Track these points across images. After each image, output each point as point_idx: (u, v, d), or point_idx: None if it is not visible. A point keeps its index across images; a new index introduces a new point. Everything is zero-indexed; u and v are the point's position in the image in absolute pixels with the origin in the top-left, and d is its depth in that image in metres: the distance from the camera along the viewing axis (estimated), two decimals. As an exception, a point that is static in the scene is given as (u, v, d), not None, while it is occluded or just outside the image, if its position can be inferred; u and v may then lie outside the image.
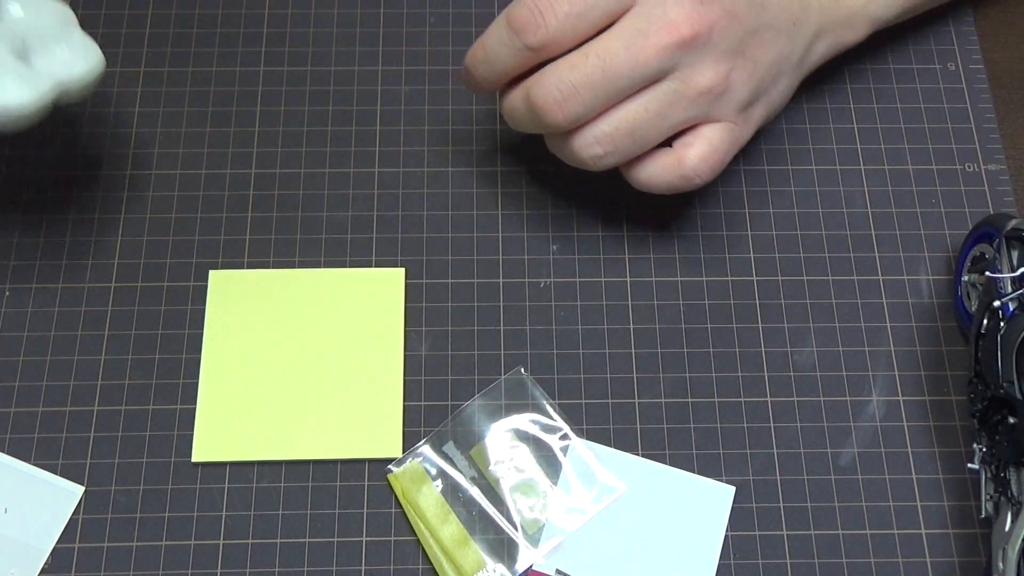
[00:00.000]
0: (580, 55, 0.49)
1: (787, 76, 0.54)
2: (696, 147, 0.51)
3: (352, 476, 0.53)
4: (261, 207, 0.58)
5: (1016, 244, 0.52)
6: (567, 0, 0.48)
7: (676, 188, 0.52)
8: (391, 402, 0.54)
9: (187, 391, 0.54)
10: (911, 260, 0.58)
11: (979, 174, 0.60)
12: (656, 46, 0.48)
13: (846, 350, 0.56)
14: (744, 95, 0.51)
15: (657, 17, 0.48)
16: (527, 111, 0.50)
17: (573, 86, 0.48)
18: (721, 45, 0.49)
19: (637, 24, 0.48)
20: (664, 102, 0.49)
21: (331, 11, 0.64)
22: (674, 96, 0.49)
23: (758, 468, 0.53)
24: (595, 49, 0.48)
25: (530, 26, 0.48)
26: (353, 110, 0.61)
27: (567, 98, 0.49)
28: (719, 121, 0.51)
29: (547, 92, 0.49)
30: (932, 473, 0.53)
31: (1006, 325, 0.49)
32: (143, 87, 0.61)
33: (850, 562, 0.51)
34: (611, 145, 0.50)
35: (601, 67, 0.48)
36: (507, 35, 0.49)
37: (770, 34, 0.51)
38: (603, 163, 0.51)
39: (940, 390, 0.55)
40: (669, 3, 0.48)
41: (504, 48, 0.50)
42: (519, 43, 0.49)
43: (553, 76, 0.49)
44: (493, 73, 0.51)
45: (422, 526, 0.51)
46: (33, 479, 0.52)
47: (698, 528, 0.52)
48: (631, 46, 0.48)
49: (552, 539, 0.51)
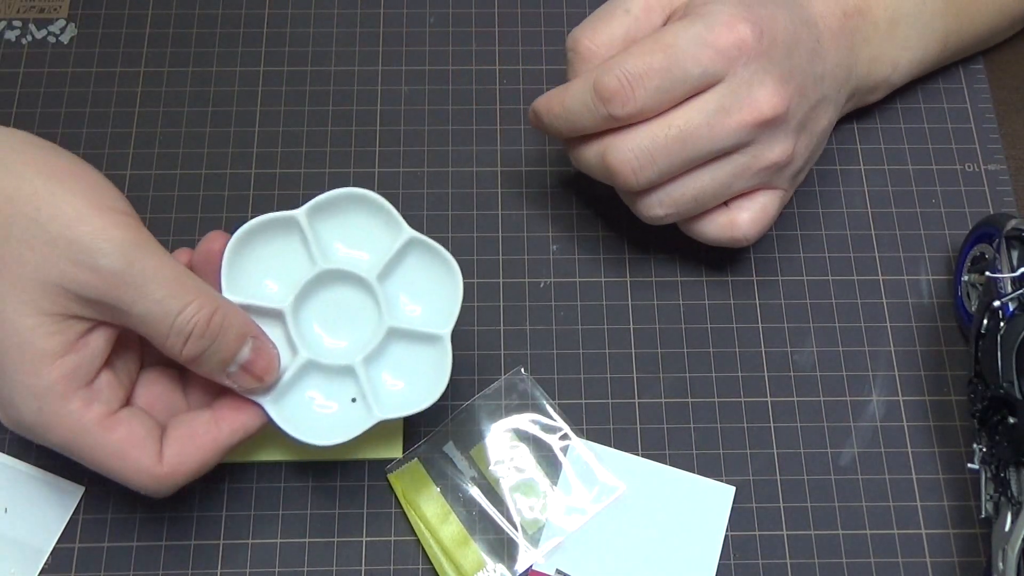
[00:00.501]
0: (662, 125, 0.49)
1: (826, 139, 0.55)
2: (750, 212, 0.52)
3: (352, 476, 0.52)
4: (261, 207, 0.58)
5: (1016, 244, 0.52)
6: (658, 75, 0.48)
7: (723, 244, 0.53)
8: (391, 402, 0.54)
9: (187, 391, 0.54)
10: (911, 260, 0.58)
11: (979, 174, 0.60)
12: (738, 124, 0.49)
13: (846, 350, 0.56)
14: (801, 164, 0.53)
15: (742, 96, 0.49)
16: (601, 168, 0.51)
17: (651, 155, 0.49)
18: (792, 122, 0.50)
19: (721, 101, 0.49)
20: (732, 174, 0.50)
21: (331, 11, 0.64)
22: (743, 168, 0.50)
23: (758, 468, 0.53)
24: (677, 121, 0.49)
25: (619, 97, 0.48)
26: (353, 110, 0.61)
27: (643, 166, 0.49)
28: (774, 188, 0.52)
29: (624, 157, 0.49)
30: (932, 473, 0.53)
31: (1006, 325, 0.49)
32: (143, 87, 0.61)
33: (850, 562, 0.51)
34: (673, 208, 0.51)
35: (680, 139, 0.49)
36: (592, 101, 0.49)
37: (824, 105, 0.53)
38: (662, 221, 0.52)
39: (940, 390, 0.55)
40: (755, 83, 0.49)
41: (587, 111, 0.49)
42: (604, 111, 0.49)
43: (632, 142, 0.49)
44: (569, 129, 0.51)
45: (422, 526, 0.51)
46: (33, 479, 0.52)
47: (698, 528, 0.52)
48: (713, 122, 0.49)
49: (552, 539, 0.51)
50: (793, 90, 0.50)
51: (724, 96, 0.49)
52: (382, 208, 0.48)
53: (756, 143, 0.50)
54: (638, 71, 0.48)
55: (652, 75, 0.48)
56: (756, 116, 0.49)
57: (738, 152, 0.50)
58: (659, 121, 0.49)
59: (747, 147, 0.50)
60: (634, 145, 0.49)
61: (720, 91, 0.49)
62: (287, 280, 0.48)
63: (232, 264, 0.47)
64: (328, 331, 0.48)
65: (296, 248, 0.48)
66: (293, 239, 0.48)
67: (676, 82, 0.48)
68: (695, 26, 0.48)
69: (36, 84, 0.61)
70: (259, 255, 0.48)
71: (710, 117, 0.49)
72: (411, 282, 0.49)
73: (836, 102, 0.54)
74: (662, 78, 0.48)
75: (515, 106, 0.61)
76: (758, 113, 0.49)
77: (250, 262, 0.47)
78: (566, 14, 0.64)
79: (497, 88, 0.62)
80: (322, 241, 0.48)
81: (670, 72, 0.48)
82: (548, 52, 0.63)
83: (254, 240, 0.47)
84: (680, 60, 0.48)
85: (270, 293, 0.48)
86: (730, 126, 0.49)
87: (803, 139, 0.52)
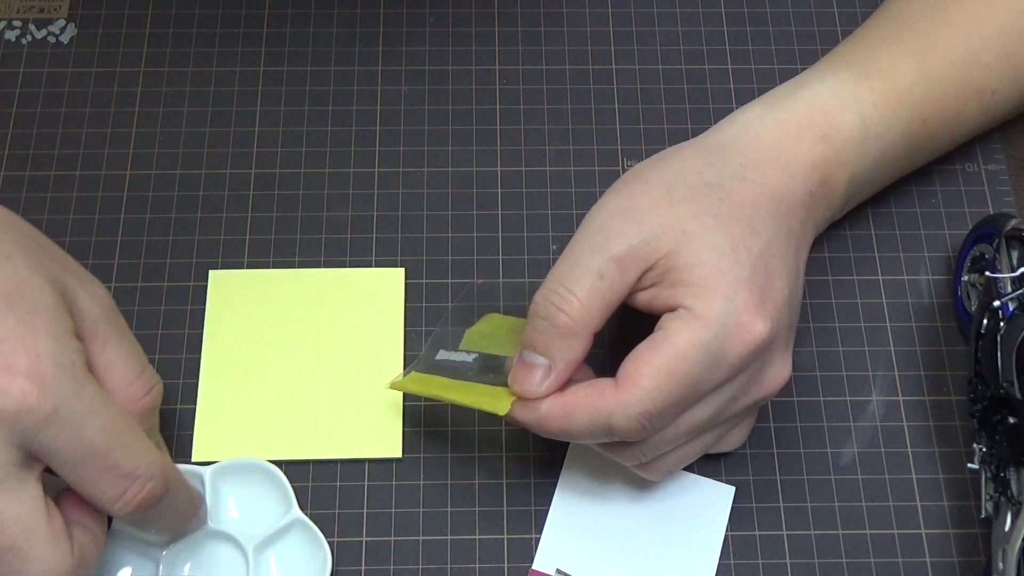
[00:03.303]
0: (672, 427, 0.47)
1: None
2: (739, 429, 0.50)
3: (352, 476, 0.52)
4: (261, 207, 0.58)
5: (1016, 244, 0.52)
6: (676, 408, 0.45)
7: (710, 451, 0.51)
8: (391, 402, 0.54)
9: (187, 391, 0.54)
10: (911, 260, 0.58)
11: (979, 174, 0.60)
12: (746, 403, 0.48)
13: (846, 350, 0.56)
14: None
15: (751, 386, 0.47)
16: (600, 446, 0.48)
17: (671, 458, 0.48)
18: (779, 344, 0.48)
19: (732, 394, 0.47)
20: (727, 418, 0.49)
21: (331, 11, 0.64)
22: (737, 413, 0.49)
23: (758, 468, 0.53)
24: (687, 419, 0.47)
25: (637, 435, 0.45)
26: (353, 110, 0.61)
27: (651, 462, 0.48)
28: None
29: (633, 457, 0.48)
30: (932, 473, 0.53)
31: (1006, 325, 0.49)
32: (143, 87, 0.61)
33: (850, 562, 0.51)
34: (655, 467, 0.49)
35: (688, 434, 0.47)
36: (603, 431, 0.45)
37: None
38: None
39: (940, 390, 0.55)
40: (764, 367, 0.47)
41: (592, 437, 0.46)
42: (615, 439, 0.46)
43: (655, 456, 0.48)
44: (567, 438, 0.48)
45: (444, 393, 0.49)
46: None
47: (698, 528, 0.52)
48: (722, 411, 0.47)
49: (552, 539, 0.51)
50: (789, 334, 0.48)
51: (735, 390, 0.47)
52: (280, 483, 0.50)
53: (751, 387, 0.48)
54: (657, 410, 0.44)
55: (671, 409, 0.45)
56: (765, 393, 0.48)
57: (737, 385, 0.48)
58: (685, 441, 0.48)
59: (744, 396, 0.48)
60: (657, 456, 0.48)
61: (731, 388, 0.46)
62: None
63: None
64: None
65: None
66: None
67: (691, 403, 0.46)
68: (705, 339, 0.44)
69: (36, 84, 0.61)
70: None
71: (719, 409, 0.47)
72: (286, 557, 0.50)
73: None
74: (681, 407, 0.45)
75: (515, 106, 0.61)
76: (767, 391, 0.48)
77: None
78: (566, 14, 0.64)
79: (497, 88, 0.62)
80: (220, 496, 0.50)
81: (689, 399, 0.45)
82: (548, 52, 0.63)
83: None
84: (698, 386, 0.45)
85: (154, 536, 0.49)
86: (735, 408, 0.47)
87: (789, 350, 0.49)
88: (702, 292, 0.45)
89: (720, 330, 0.44)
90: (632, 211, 0.46)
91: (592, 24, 0.64)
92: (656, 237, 0.46)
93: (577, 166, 0.60)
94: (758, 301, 0.45)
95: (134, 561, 0.50)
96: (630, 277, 0.46)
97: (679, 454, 0.48)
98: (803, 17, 0.64)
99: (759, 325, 0.45)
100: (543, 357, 0.46)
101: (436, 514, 0.52)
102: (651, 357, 0.45)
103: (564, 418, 0.46)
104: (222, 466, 0.51)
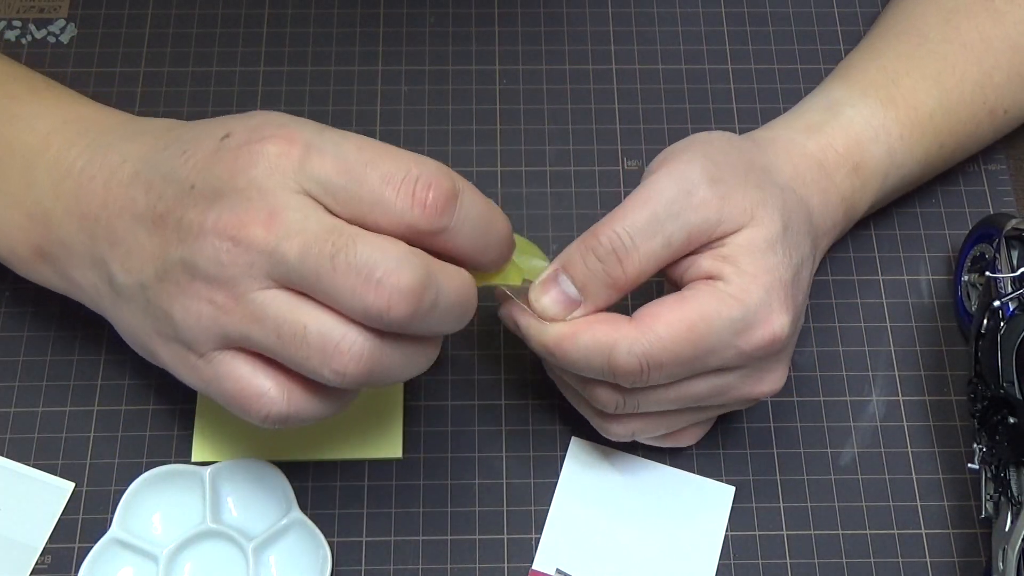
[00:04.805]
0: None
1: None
2: (697, 427, 0.51)
3: (352, 476, 0.52)
4: (261, 207, 0.58)
5: (1016, 244, 0.52)
6: (678, 366, 0.45)
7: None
8: (391, 402, 0.54)
9: (187, 391, 0.54)
10: (911, 260, 0.58)
11: (979, 174, 0.60)
12: (740, 396, 0.48)
13: (846, 350, 0.56)
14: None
15: (751, 381, 0.47)
16: (579, 380, 0.47)
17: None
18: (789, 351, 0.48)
19: (730, 382, 0.47)
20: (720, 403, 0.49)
21: (331, 11, 0.64)
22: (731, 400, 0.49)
23: (758, 468, 0.53)
24: (681, 391, 0.47)
25: (632, 377, 0.44)
26: (353, 110, 0.61)
27: (619, 417, 0.48)
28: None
29: (610, 401, 0.47)
30: (932, 473, 0.53)
31: (1006, 325, 0.49)
32: (143, 87, 0.61)
33: (850, 562, 0.51)
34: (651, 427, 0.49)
35: (679, 401, 0.47)
36: (601, 366, 0.44)
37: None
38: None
39: (940, 390, 0.55)
40: (766, 369, 0.47)
41: (589, 368, 0.45)
42: (611, 377, 0.45)
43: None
44: (559, 360, 0.46)
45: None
46: (21, 477, 0.52)
47: (698, 528, 0.52)
48: (718, 392, 0.47)
49: (552, 539, 0.51)
50: (793, 347, 0.48)
51: (734, 379, 0.47)
52: (280, 483, 0.51)
53: (748, 383, 0.48)
54: (660, 360, 0.44)
55: (672, 365, 0.44)
56: (757, 393, 0.47)
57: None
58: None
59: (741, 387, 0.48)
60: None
61: (731, 376, 0.46)
62: (176, 525, 0.50)
63: (131, 500, 0.50)
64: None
65: (195, 499, 0.50)
66: (195, 489, 0.51)
67: (692, 371, 0.46)
68: (733, 315, 0.44)
69: (36, 84, 0.61)
70: (159, 496, 0.51)
71: (711, 391, 0.47)
72: (286, 557, 0.50)
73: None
74: (681, 368, 0.45)
75: (515, 106, 0.61)
76: (760, 392, 0.47)
77: (149, 500, 0.50)
78: (566, 14, 0.64)
79: (497, 88, 0.62)
80: (219, 496, 0.51)
81: (691, 365, 0.45)
82: (548, 52, 0.63)
83: (160, 483, 0.51)
84: (704, 356, 0.45)
85: (155, 534, 0.50)
86: (724, 398, 0.47)
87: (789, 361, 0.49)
88: (746, 277, 0.45)
89: (749, 315, 0.44)
90: (719, 182, 0.46)
91: (592, 24, 0.64)
92: (731, 216, 0.45)
93: (577, 166, 0.60)
94: (788, 305, 0.46)
95: (134, 561, 0.50)
96: (691, 247, 0.46)
97: (647, 421, 0.48)
98: (803, 17, 0.64)
99: (783, 326, 0.45)
100: (577, 291, 0.46)
101: (436, 514, 0.52)
102: (675, 307, 0.44)
103: (568, 337, 0.45)
104: (222, 466, 0.51)
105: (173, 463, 0.51)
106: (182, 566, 0.50)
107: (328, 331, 0.40)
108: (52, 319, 0.55)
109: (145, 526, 0.50)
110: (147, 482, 0.51)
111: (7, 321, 0.55)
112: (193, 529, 0.50)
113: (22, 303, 0.56)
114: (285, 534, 0.50)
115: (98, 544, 0.50)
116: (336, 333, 0.40)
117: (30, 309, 0.55)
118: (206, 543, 0.50)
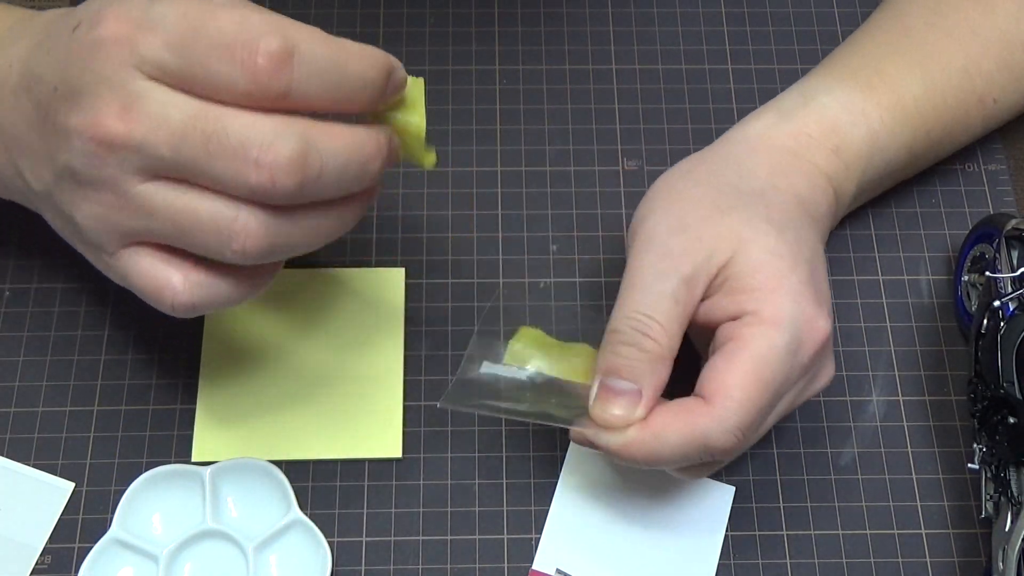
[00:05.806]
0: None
1: None
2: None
3: (352, 476, 0.52)
4: (261, 207, 0.58)
5: (1016, 244, 0.52)
6: (765, 412, 0.45)
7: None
8: (391, 402, 0.54)
9: (187, 391, 0.54)
10: (911, 260, 0.58)
11: (979, 174, 0.60)
12: (797, 401, 0.48)
13: (846, 350, 0.56)
14: None
15: (807, 388, 0.47)
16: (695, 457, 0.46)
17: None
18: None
19: (793, 400, 0.47)
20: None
21: (331, 11, 0.64)
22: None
23: (758, 468, 0.53)
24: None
25: (732, 449, 0.44)
26: (353, 110, 0.61)
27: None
28: None
29: (708, 470, 0.47)
30: (932, 473, 0.53)
31: (1006, 325, 0.49)
32: (143, 87, 0.61)
33: (850, 562, 0.51)
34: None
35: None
36: (698, 453, 0.44)
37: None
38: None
39: (940, 390, 0.55)
40: (820, 368, 0.47)
41: (685, 459, 0.45)
42: (708, 457, 0.45)
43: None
44: (653, 464, 0.46)
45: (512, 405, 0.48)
46: (21, 477, 0.52)
47: (698, 528, 0.52)
48: (785, 410, 0.47)
49: (552, 539, 0.51)
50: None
51: (801, 387, 0.47)
52: (280, 483, 0.51)
53: (811, 384, 0.48)
54: (751, 422, 0.44)
55: (761, 419, 0.45)
56: (818, 389, 0.48)
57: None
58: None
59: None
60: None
61: (798, 386, 0.46)
62: (176, 525, 0.50)
63: (131, 500, 0.50)
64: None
65: (195, 499, 0.50)
66: (195, 489, 0.50)
67: (774, 406, 0.46)
68: (784, 341, 0.44)
69: (36, 84, 0.61)
70: (159, 496, 0.51)
71: (787, 408, 0.47)
72: (286, 557, 0.50)
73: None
74: (767, 413, 0.45)
75: (515, 106, 0.61)
76: (820, 387, 0.48)
77: (149, 500, 0.51)
78: (566, 14, 0.64)
79: (497, 88, 0.62)
80: (219, 496, 0.51)
81: (772, 404, 0.45)
82: (548, 52, 0.63)
83: (160, 483, 0.51)
84: (780, 390, 0.45)
85: (155, 534, 0.50)
86: (799, 403, 0.47)
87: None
88: (767, 296, 0.45)
89: (794, 331, 0.44)
90: (687, 228, 0.46)
91: (592, 24, 0.64)
92: (717, 248, 0.46)
93: (577, 166, 0.60)
94: (819, 300, 0.46)
95: (134, 561, 0.50)
96: (698, 293, 0.46)
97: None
98: (803, 17, 0.64)
99: (824, 322, 0.45)
100: (630, 383, 0.45)
101: (436, 514, 0.52)
102: (734, 367, 0.44)
103: (654, 441, 0.44)
104: (222, 466, 0.51)
105: (173, 463, 0.51)
106: (182, 566, 0.50)
107: (220, 213, 0.40)
108: (52, 319, 0.55)
109: (145, 526, 0.50)
110: (147, 482, 0.51)
111: (7, 321, 0.55)
112: (193, 529, 0.50)
113: (22, 303, 0.56)
114: (285, 534, 0.50)
115: (98, 544, 0.50)
116: (228, 213, 0.40)
117: (30, 309, 0.55)
118: (206, 543, 0.50)
